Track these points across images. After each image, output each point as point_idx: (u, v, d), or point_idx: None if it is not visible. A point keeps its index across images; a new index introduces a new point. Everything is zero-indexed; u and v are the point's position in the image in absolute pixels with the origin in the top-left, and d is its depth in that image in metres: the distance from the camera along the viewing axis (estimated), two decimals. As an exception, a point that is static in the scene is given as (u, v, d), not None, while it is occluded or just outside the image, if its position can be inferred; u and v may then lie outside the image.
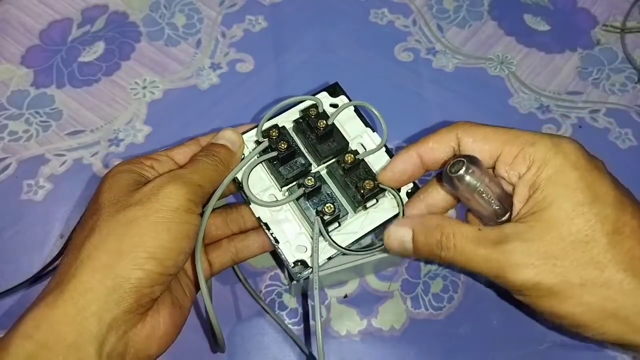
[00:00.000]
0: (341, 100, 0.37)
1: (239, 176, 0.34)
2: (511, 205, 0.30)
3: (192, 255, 0.31)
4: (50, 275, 0.41)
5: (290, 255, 0.33)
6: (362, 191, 0.33)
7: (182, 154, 0.34)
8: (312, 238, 0.32)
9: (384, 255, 0.38)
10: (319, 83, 0.51)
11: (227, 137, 0.34)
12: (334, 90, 0.37)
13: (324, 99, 0.37)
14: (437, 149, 0.32)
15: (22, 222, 0.43)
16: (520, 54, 0.54)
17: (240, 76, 0.52)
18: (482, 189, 0.29)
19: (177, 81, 0.51)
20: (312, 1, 0.57)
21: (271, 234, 0.33)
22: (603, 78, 0.53)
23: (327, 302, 0.41)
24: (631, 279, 0.26)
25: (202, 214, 0.31)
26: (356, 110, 0.37)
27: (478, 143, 0.31)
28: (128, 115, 0.49)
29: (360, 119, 0.37)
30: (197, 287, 0.34)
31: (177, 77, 0.51)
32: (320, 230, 0.31)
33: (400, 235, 0.31)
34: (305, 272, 0.32)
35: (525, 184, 0.29)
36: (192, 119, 0.49)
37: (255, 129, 0.35)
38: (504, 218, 0.31)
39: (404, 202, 0.34)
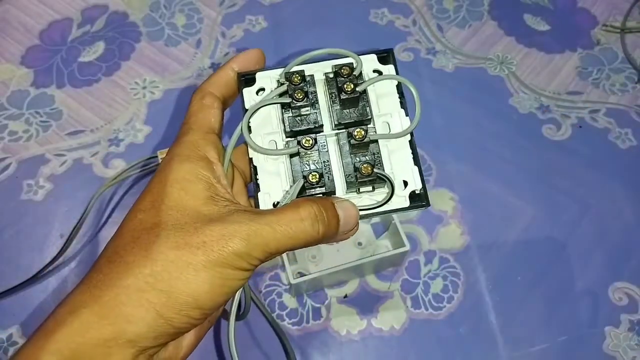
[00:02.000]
0: (388, 70, 0.33)
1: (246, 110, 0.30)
2: None
3: None
4: (50, 275, 0.41)
5: (264, 206, 0.30)
6: (357, 174, 0.30)
7: (216, 119, 0.29)
8: (288, 194, 0.29)
9: (385, 255, 0.38)
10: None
11: (346, 210, 0.28)
12: (386, 57, 0.34)
13: (370, 62, 0.33)
14: None
15: (22, 222, 0.43)
16: (520, 54, 0.54)
17: (240, 76, 0.52)
18: None
19: (177, 81, 0.51)
20: (312, 1, 0.57)
21: (256, 179, 0.31)
22: (603, 78, 0.53)
23: (327, 302, 0.41)
24: None
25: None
26: (399, 88, 0.33)
27: None
28: (128, 115, 0.49)
29: (400, 98, 0.33)
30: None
31: (177, 77, 0.51)
32: (295, 191, 0.29)
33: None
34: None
35: None
36: (192, 119, 0.49)
37: (281, 69, 0.31)
38: None
39: (397, 200, 0.30)
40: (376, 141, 0.31)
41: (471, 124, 0.50)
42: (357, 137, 0.30)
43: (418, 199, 0.30)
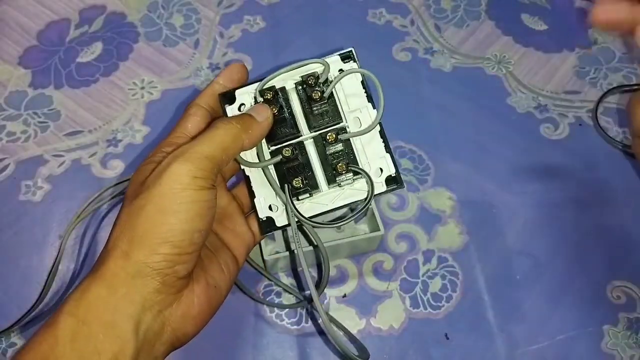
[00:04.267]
0: (349, 67, 0.36)
1: None
2: None
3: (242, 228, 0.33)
4: (51, 276, 0.41)
5: (261, 210, 0.34)
6: (334, 170, 0.33)
7: (194, 125, 0.33)
8: (284, 202, 0.33)
9: (359, 237, 0.39)
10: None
11: (253, 108, 0.33)
12: (348, 56, 0.36)
13: (335, 63, 0.35)
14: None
15: (20, 223, 0.43)
16: (518, 54, 0.54)
17: (238, 76, 0.52)
18: None
19: (175, 81, 0.51)
20: (309, 1, 0.57)
21: (250, 187, 0.34)
22: (600, 77, 0.53)
23: (326, 301, 0.41)
24: None
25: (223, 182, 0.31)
26: (364, 83, 0.35)
27: None
28: (126, 116, 0.49)
29: (365, 93, 0.35)
30: (238, 264, 0.34)
31: (175, 78, 0.51)
32: (289, 198, 0.32)
33: None
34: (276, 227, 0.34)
35: None
36: (190, 119, 0.49)
37: (257, 83, 0.34)
38: None
39: (375, 186, 0.33)
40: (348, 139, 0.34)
41: (469, 124, 0.50)
42: (329, 140, 0.33)
43: (393, 182, 0.34)
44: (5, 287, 0.40)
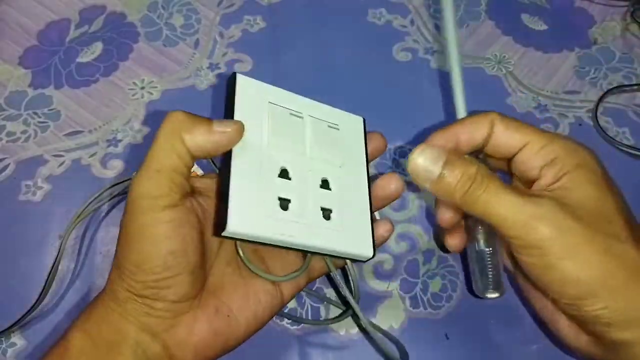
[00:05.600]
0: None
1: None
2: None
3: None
4: (51, 276, 0.41)
5: None
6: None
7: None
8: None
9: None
10: (317, 83, 0.51)
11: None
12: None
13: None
14: (474, 131, 0.33)
15: (20, 223, 0.43)
16: (518, 54, 0.54)
17: (238, 76, 0.52)
18: None
19: (176, 81, 0.51)
20: (309, 1, 0.57)
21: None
22: (600, 77, 0.53)
23: (325, 301, 0.41)
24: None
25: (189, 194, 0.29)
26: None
27: (509, 130, 0.32)
28: (126, 116, 0.49)
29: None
30: (280, 298, 0.32)
31: (175, 78, 0.51)
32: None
33: (430, 157, 0.30)
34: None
35: (549, 170, 0.30)
36: (190, 120, 0.49)
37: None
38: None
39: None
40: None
41: (469, 124, 0.50)
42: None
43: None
44: (5, 287, 0.40)
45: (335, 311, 0.41)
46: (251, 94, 0.33)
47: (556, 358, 0.39)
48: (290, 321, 0.40)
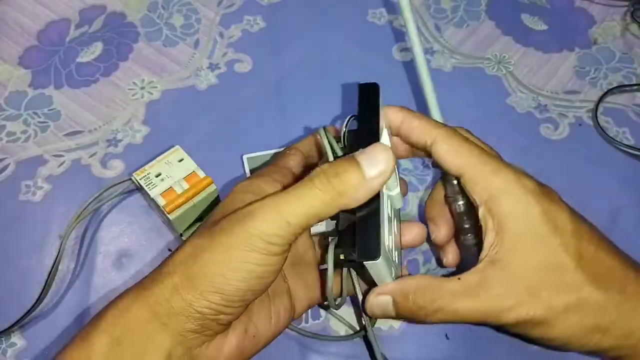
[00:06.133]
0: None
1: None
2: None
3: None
4: (51, 276, 0.41)
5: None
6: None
7: (296, 163, 0.32)
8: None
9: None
10: (317, 83, 0.51)
11: (369, 153, 0.27)
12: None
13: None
14: (418, 132, 0.33)
15: (20, 223, 0.43)
16: (518, 54, 0.54)
17: (238, 76, 0.52)
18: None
19: (175, 81, 0.51)
20: (309, 1, 0.57)
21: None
22: (600, 77, 0.53)
23: (325, 302, 0.41)
24: (603, 293, 0.28)
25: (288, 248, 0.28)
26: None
27: (448, 154, 0.31)
28: (126, 116, 0.49)
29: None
30: (293, 315, 0.33)
31: (175, 78, 0.51)
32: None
33: (381, 303, 0.31)
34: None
35: (489, 216, 0.30)
36: (190, 120, 0.49)
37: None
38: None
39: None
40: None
41: (469, 124, 0.49)
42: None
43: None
44: (5, 287, 0.40)
45: (335, 312, 0.41)
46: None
47: (558, 357, 0.39)
48: (290, 326, 0.40)
